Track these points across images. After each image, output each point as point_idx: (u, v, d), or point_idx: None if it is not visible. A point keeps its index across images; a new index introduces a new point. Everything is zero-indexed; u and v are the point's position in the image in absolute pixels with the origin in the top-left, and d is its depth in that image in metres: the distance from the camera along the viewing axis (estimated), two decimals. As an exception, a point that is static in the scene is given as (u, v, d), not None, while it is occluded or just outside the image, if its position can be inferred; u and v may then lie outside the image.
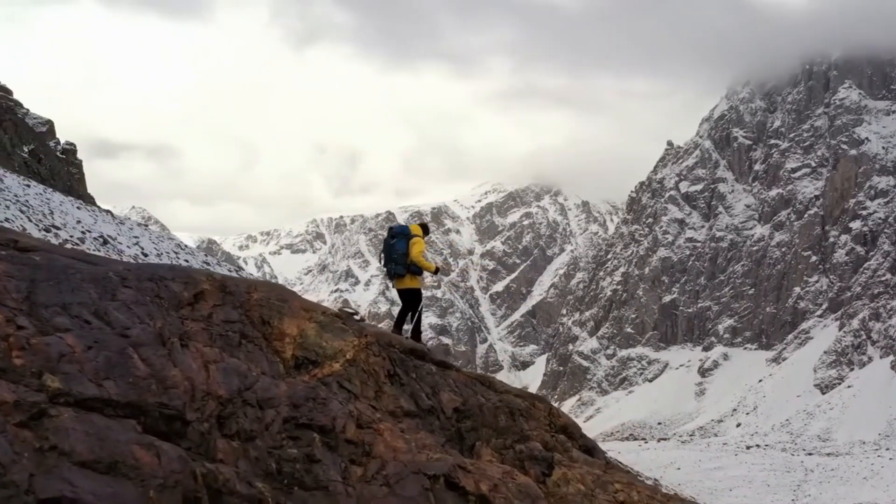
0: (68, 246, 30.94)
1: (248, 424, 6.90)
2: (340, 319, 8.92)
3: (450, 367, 10.13)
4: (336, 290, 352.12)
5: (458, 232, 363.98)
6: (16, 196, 34.15)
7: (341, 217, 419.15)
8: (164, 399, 6.23)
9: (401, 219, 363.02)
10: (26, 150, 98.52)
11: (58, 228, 32.27)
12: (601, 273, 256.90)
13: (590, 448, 10.51)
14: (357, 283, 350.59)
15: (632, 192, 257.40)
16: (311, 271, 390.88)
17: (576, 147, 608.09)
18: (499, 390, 10.36)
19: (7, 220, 29.97)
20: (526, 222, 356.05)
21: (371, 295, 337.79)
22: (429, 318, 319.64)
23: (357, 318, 36.75)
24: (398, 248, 13.12)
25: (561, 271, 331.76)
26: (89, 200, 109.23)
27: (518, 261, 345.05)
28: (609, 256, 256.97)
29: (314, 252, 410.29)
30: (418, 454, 7.38)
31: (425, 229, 13.91)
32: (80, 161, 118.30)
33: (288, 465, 6.68)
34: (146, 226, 45.59)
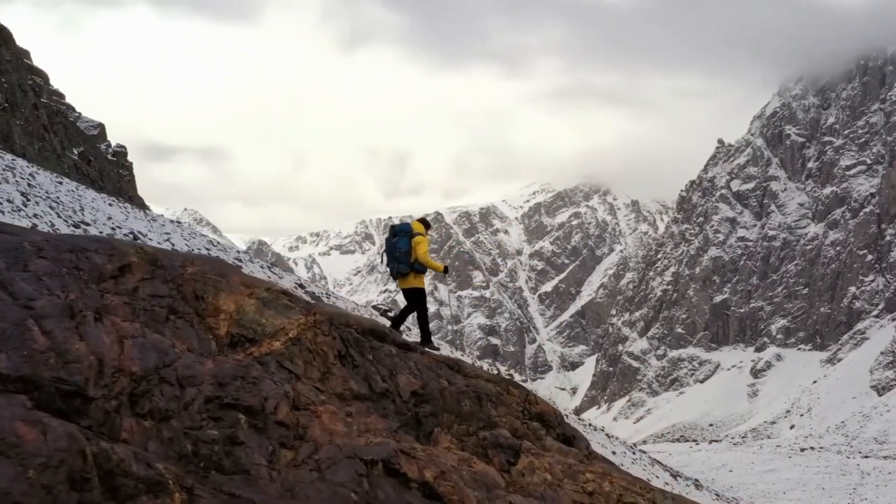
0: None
1: (163, 403, 6.44)
2: (287, 296, 8.43)
3: (413, 350, 9.58)
4: (385, 291, 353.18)
5: (506, 232, 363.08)
6: (47, 193, 34.31)
7: (390, 218, 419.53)
8: (63, 374, 5.79)
9: (449, 220, 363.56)
10: (76, 152, 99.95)
11: (87, 224, 32.32)
12: (651, 273, 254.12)
13: (569, 437, 9.87)
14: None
15: (682, 190, 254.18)
16: (359, 272, 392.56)
17: (625, 146, 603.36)
18: (468, 375, 9.77)
19: (36, 215, 30.09)
20: (575, 222, 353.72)
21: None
22: (477, 319, 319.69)
23: (390, 314, 36.29)
24: (400, 246, 12.67)
25: (610, 271, 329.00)
26: (138, 202, 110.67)
27: (567, 261, 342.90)
28: (659, 256, 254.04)
29: (363, 253, 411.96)
30: (357, 438, 6.86)
31: (426, 225, 13.42)
32: (131, 163, 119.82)
33: (206, 448, 6.20)
34: (178, 223, 45.90)
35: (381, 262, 13.05)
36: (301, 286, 44.66)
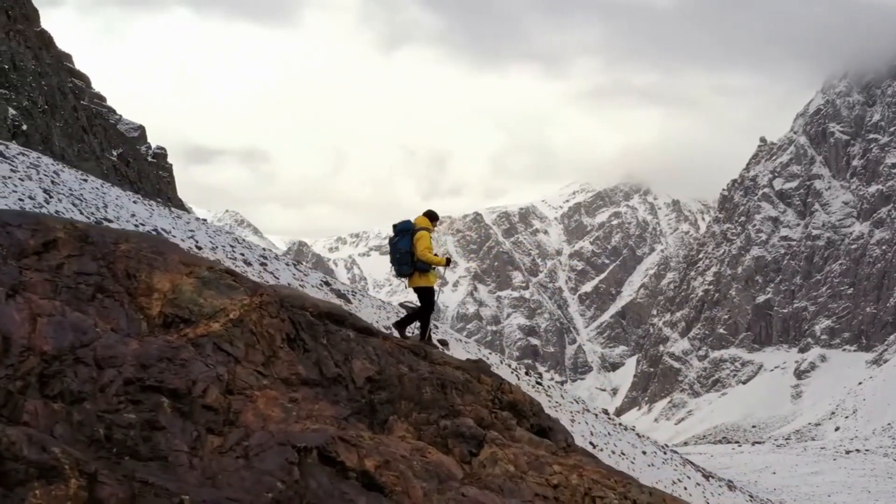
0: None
1: (76, 385, 6.05)
2: (232, 276, 8.01)
3: (374, 335, 9.11)
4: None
5: (545, 232, 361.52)
6: (70, 190, 34.38)
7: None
8: (-40, 351, 5.43)
9: (488, 220, 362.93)
10: (115, 153, 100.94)
11: (109, 221, 32.32)
12: (692, 273, 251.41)
13: (544, 428, 9.33)
14: (445, 283, 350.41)
15: (724, 190, 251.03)
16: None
17: (666, 145, 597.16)
18: (435, 361, 9.27)
19: (58, 212, 30.14)
20: (615, 222, 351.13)
21: (459, 296, 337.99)
22: (517, 319, 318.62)
23: (417, 313, 35.53)
24: (401, 246, 12.08)
25: (651, 271, 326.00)
26: (177, 202, 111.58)
27: (607, 261, 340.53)
28: (700, 256, 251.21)
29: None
30: (294, 424, 6.42)
31: (433, 218, 12.71)
32: (170, 165, 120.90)
33: (121, 432, 5.80)
34: (204, 220, 45.96)
35: (390, 263, 12.49)
36: (326, 283, 44.41)
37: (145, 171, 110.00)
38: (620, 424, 48.68)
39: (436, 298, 13.60)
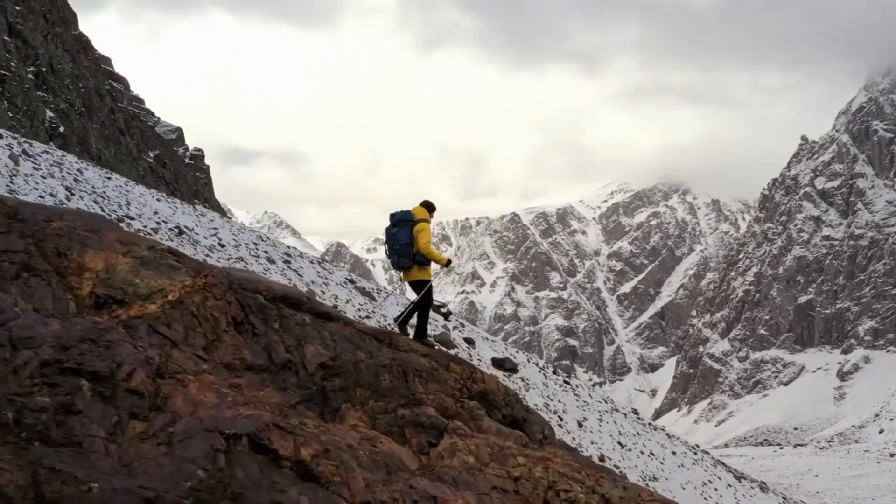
0: (140, 235, 30.86)
1: (-15, 367, 5.71)
2: (174, 256, 7.64)
3: (333, 320, 8.69)
4: (462, 292, 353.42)
5: (583, 233, 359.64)
6: (93, 188, 34.47)
7: (466, 219, 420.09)
8: None
9: (526, 220, 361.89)
10: (151, 155, 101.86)
11: (131, 218, 32.33)
12: (732, 273, 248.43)
13: (518, 419, 8.86)
14: (483, 284, 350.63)
15: (764, 189, 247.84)
16: (436, 273, 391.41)
17: (705, 144, 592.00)
18: (400, 349, 8.82)
19: (79, 209, 30.04)
20: (654, 222, 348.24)
21: (497, 297, 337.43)
22: (555, 320, 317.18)
23: (444, 311, 35.24)
24: (400, 237, 11.51)
25: (690, 272, 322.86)
26: (214, 204, 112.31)
27: (646, 261, 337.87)
28: (741, 256, 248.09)
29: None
30: (227, 410, 6.04)
31: (430, 208, 12.16)
32: (208, 166, 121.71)
33: (32, 416, 5.45)
34: (229, 219, 45.97)
35: (386, 254, 11.96)
36: (351, 281, 44.16)
37: (182, 172, 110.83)
38: (650, 424, 47.87)
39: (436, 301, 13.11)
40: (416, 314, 12.18)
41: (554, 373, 46.91)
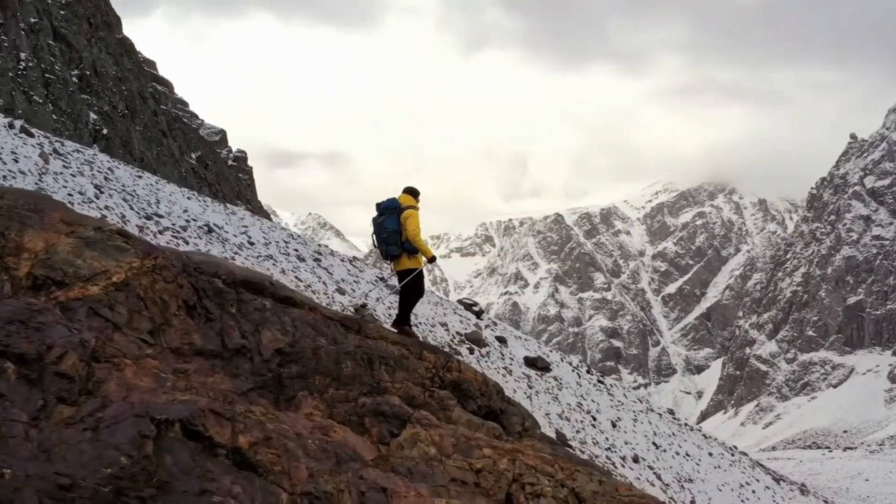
0: (168, 233, 31.01)
1: None
2: (123, 237, 7.38)
3: (297, 305, 8.36)
4: (505, 293, 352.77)
5: (628, 233, 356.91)
6: (123, 186, 34.67)
7: (510, 220, 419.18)
8: None
9: (569, 221, 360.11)
10: (194, 157, 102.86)
11: (160, 216, 32.44)
12: (780, 273, 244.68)
13: (494, 411, 8.47)
14: (526, 285, 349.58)
15: (812, 188, 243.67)
16: (480, 274, 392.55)
17: (751, 142, 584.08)
18: (369, 336, 8.48)
19: (107, 207, 30.35)
20: (699, 222, 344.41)
21: (540, 297, 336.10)
22: (599, 321, 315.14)
23: (476, 309, 34.85)
24: (387, 225, 11.17)
25: (737, 272, 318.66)
26: (257, 205, 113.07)
27: (691, 262, 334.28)
28: (788, 256, 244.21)
29: (483, 255, 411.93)
30: (162, 395, 5.77)
31: (415, 194, 11.80)
32: (251, 168, 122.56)
33: (-54, 399, 5.22)
34: (259, 218, 46.08)
35: (373, 244, 11.60)
36: (382, 279, 43.96)
37: (224, 174, 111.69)
38: (686, 425, 47.06)
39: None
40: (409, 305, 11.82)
41: (588, 372, 46.34)
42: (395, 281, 12.19)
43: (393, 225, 11.16)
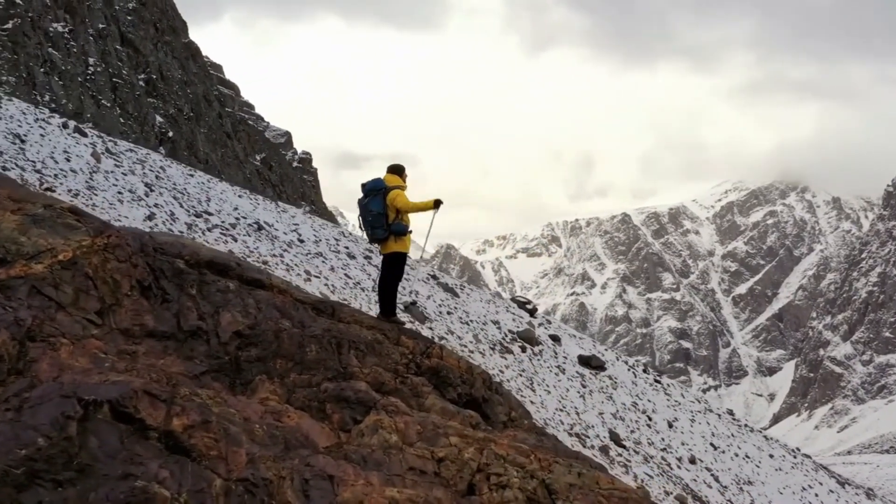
0: (217, 231, 31.22)
1: None
2: (75, 215, 7.15)
3: (265, 287, 8.03)
4: (572, 294, 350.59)
5: (697, 233, 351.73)
6: (174, 184, 35.06)
7: (576, 220, 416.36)
8: None
9: (637, 221, 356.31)
10: (258, 158, 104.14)
11: (210, 214, 32.71)
12: (855, 273, 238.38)
13: (476, 399, 8.04)
14: (593, 285, 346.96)
15: (888, 185, 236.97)
16: (546, 274, 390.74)
17: (825, 140, 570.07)
18: (342, 320, 8.12)
19: (157, 205, 30.70)
20: (770, 221, 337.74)
21: (608, 298, 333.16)
22: (667, 322, 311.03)
23: (529, 307, 34.42)
24: (372, 207, 10.71)
25: (810, 272, 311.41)
26: (321, 206, 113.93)
27: (762, 262, 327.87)
28: (864, 255, 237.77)
29: (550, 255, 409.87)
30: (96, 376, 5.52)
31: (400, 171, 11.31)
32: (315, 169, 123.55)
33: None
34: (311, 216, 46.21)
35: (360, 228, 11.14)
36: (433, 277, 43.73)
37: (289, 175, 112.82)
38: (746, 426, 45.76)
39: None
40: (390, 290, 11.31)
41: (644, 371, 45.44)
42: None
43: (378, 207, 10.71)
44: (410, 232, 10.95)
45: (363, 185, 10.91)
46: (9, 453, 4.76)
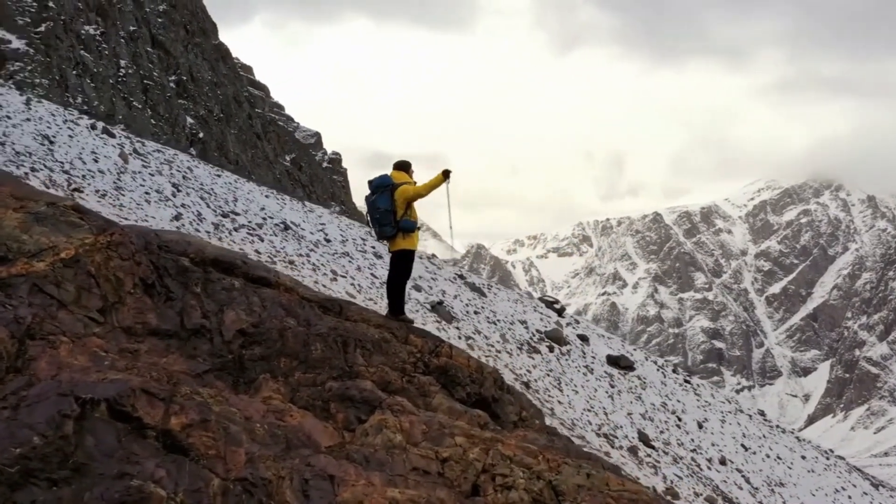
0: (243, 230, 31.34)
1: None
2: (78, 213, 7.11)
3: (271, 285, 7.94)
4: (603, 293, 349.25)
5: (729, 232, 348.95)
6: (201, 185, 35.27)
7: (607, 220, 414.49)
8: None
9: (668, 220, 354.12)
10: (288, 159, 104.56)
11: (237, 214, 32.87)
12: (891, 273, 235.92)
13: (486, 398, 7.91)
14: (625, 285, 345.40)
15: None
16: (577, 274, 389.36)
17: (859, 137, 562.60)
18: (349, 318, 8.01)
19: (184, 205, 30.88)
20: (804, 220, 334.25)
21: (639, 298, 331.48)
22: (700, 322, 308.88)
23: (557, 307, 34.22)
24: (379, 204, 10.56)
25: (845, 271, 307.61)
26: (351, 206, 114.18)
27: (796, 261, 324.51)
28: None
29: (581, 255, 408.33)
30: (94, 374, 5.47)
31: (406, 167, 11.15)
32: (345, 169, 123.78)
33: None
34: (338, 216, 46.27)
35: (369, 226, 11.01)
36: (460, 276, 43.66)
37: (318, 175, 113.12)
38: (777, 427, 45.24)
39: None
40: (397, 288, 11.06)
41: (673, 371, 45.11)
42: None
43: (385, 204, 10.55)
44: (419, 228, 10.79)
45: (370, 182, 10.78)
46: (3, 452, 4.72)
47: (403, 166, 11.08)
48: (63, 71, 55.05)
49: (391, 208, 10.42)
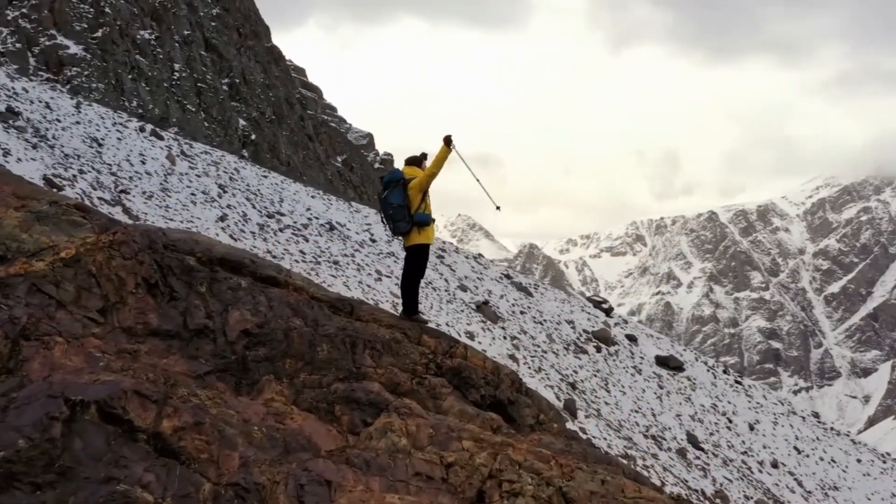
0: (288, 231, 31.46)
1: None
2: (81, 212, 7.01)
3: (280, 285, 7.75)
4: (657, 293, 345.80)
5: (786, 230, 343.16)
6: (248, 185, 35.51)
7: (661, 219, 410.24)
8: None
9: (724, 219, 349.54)
10: (339, 160, 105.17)
11: (282, 214, 33.05)
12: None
13: (501, 401, 7.63)
14: (679, 285, 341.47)
15: None
16: (631, 274, 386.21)
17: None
18: (360, 318, 7.79)
19: (229, 206, 31.12)
20: (864, 218, 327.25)
21: (694, 297, 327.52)
22: (756, 322, 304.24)
23: (605, 307, 33.82)
24: (392, 200, 10.36)
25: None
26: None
27: (856, 259, 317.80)
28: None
29: (634, 254, 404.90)
30: (87, 375, 5.36)
31: (417, 161, 10.94)
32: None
33: None
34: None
35: (382, 222, 10.80)
36: (507, 276, 43.42)
37: (370, 176, 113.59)
38: (832, 429, 44.16)
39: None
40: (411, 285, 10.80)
41: (724, 372, 44.27)
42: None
43: (398, 199, 10.33)
44: (433, 221, 10.59)
45: (381, 178, 10.63)
46: (-14, 454, 4.65)
47: (416, 161, 10.88)
48: (119, 75, 55.91)
49: (404, 203, 10.22)
